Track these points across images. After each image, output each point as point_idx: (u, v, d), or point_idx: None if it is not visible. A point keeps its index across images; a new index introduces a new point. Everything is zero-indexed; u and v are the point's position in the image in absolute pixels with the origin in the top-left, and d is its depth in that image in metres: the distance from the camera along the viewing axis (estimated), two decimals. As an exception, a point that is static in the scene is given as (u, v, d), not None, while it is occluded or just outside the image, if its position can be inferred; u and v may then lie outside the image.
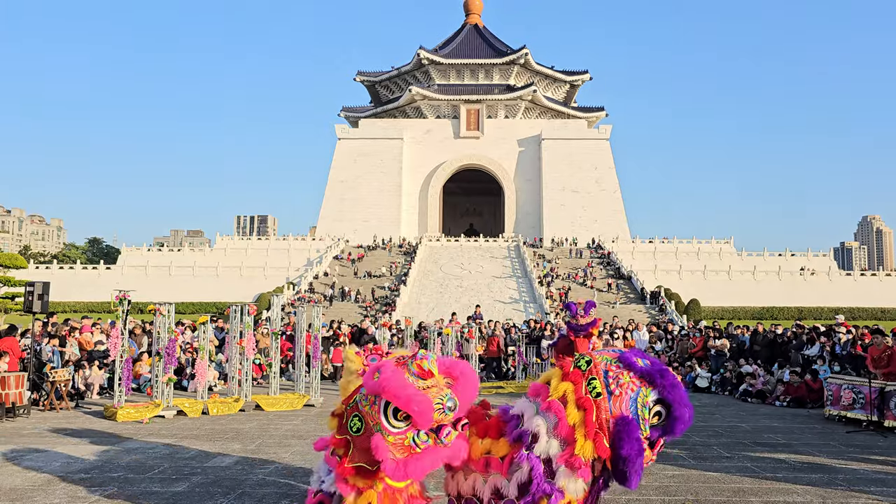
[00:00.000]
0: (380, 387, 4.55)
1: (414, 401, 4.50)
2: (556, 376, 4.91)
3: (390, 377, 4.57)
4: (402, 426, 4.59)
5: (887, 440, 11.64)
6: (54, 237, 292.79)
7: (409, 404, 4.49)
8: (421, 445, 4.62)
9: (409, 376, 4.62)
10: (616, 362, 4.83)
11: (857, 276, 67.89)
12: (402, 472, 4.62)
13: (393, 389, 4.50)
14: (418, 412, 4.50)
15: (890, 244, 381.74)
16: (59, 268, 70.23)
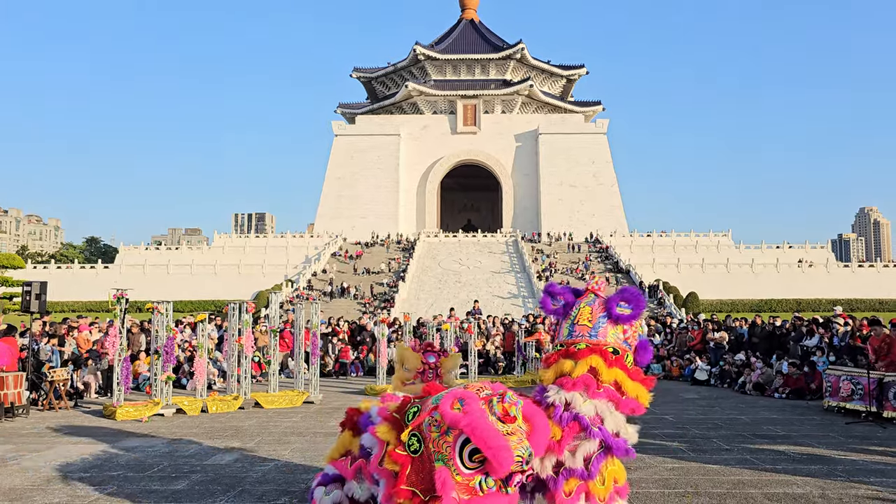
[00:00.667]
0: (465, 424, 4.26)
1: (500, 452, 4.29)
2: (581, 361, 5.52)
3: (477, 417, 4.28)
4: (473, 468, 4.39)
5: (886, 431, 11.65)
6: (52, 237, 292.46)
7: (495, 455, 4.28)
8: (486, 490, 4.42)
9: (491, 417, 4.37)
10: None
11: (854, 268, 67.99)
12: None
13: (480, 432, 4.23)
14: (499, 463, 4.30)
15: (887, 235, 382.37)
16: (56, 267, 70.20)
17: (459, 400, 4.39)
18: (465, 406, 4.32)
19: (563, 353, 5.67)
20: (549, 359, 5.80)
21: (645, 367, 6.47)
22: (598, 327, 5.71)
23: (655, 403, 15.93)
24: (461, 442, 4.30)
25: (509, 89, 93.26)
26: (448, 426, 4.35)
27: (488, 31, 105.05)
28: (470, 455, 4.34)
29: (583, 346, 5.61)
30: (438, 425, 4.44)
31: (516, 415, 4.43)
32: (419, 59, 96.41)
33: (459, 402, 4.37)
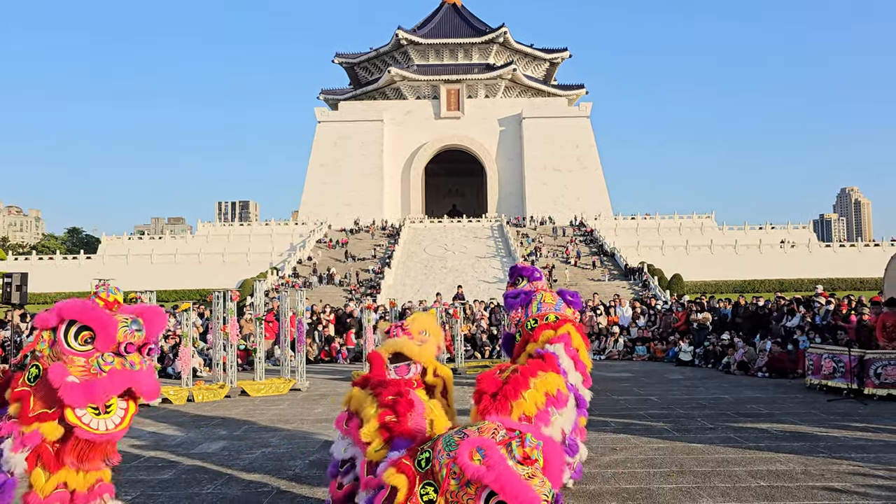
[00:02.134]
0: (491, 480, 4.04)
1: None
2: None
3: (502, 471, 4.06)
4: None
5: (867, 407, 11.83)
6: (32, 228, 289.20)
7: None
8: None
9: (510, 461, 4.18)
10: None
11: (836, 248, 68.67)
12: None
13: (509, 488, 4.01)
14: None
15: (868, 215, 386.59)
16: (38, 259, 69.42)
17: (479, 449, 4.17)
18: (487, 458, 4.11)
19: (542, 326, 7.14)
20: (532, 335, 7.22)
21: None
22: (559, 305, 7.48)
23: (640, 384, 16.14)
24: (486, 496, 4.08)
25: (492, 73, 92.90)
26: (469, 480, 4.14)
27: (471, 15, 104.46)
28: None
29: (553, 317, 7.23)
30: (458, 477, 4.23)
31: (538, 458, 4.28)
32: (402, 44, 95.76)
33: (479, 453, 4.15)
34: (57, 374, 4.54)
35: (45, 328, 4.74)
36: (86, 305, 4.67)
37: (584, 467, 7.71)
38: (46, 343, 4.71)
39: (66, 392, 4.53)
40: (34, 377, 4.68)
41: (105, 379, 4.63)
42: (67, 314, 4.64)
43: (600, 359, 21.87)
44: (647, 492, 7.00)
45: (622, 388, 14.89)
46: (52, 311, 4.77)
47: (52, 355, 4.66)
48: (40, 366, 4.68)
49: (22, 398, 4.68)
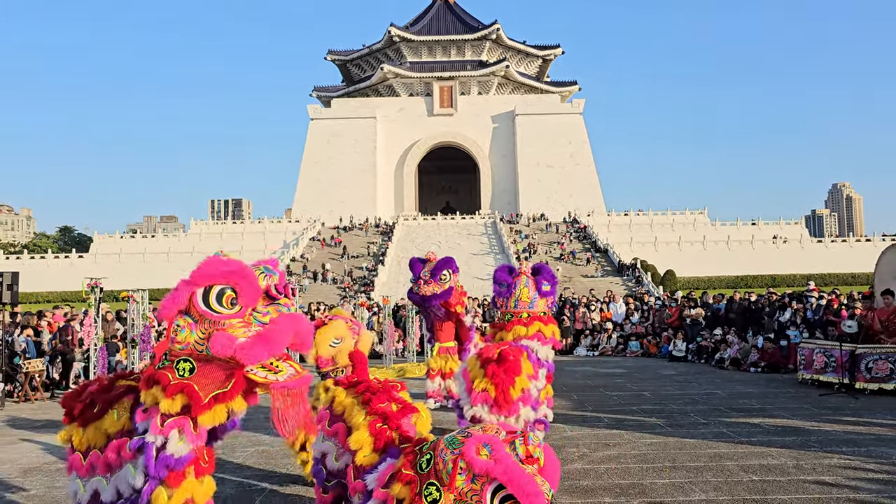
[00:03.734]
0: (499, 473, 4.07)
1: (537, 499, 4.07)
2: None
3: (511, 462, 4.12)
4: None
5: (858, 402, 11.89)
6: (24, 227, 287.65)
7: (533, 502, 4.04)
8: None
9: (514, 458, 4.23)
10: None
11: (828, 243, 69.04)
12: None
13: (517, 480, 4.04)
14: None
15: (860, 211, 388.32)
16: (30, 258, 69.14)
17: (485, 445, 4.19)
18: (494, 452, 4.14)
19: (515, 322, 8.82)
20: (506, 325, 8.90)
21: None
22: (533, 302, 8.89)
23: (633, 380, 16.17)
24: (492, 490, 4.11)
25: (485, 70, 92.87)
26: (476, 474, 4.15)
27: (463, 12, 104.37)
28: (501, 502, 4.12)
29: (525, 315, 8.83)
30: (465, 472, 4.22)
31: (539, 456, 4.31)
32: (394, 41, 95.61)
33: (486, 448, 4.18)
34: (224, 342, 4.06)
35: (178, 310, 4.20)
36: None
37: (577, 463, 7.90)
38: (187, 328, 4.19)
39: (243, 352, 4.06)
40: (190, 370, 4.17)
41: (268, 329, 4.20)
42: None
43: (594, 355, 21.92)
44: (640, 487, 7.02)
45: (615, 383, 14.93)
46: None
47: (200, 338, 4.16)
48: (191, 360, 4.17)
49: (185, 390, 4.13)
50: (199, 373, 4.16)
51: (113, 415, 4.54)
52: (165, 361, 4.28)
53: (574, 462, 7.99)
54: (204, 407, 4.13)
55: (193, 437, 4.18)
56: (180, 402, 4.11)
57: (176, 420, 4.12)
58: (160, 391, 4.15)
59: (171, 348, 4.24)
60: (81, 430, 4.68)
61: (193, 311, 4.20)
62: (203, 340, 4.16)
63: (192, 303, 4.20)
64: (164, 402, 4.10)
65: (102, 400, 4.67)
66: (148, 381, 4.23)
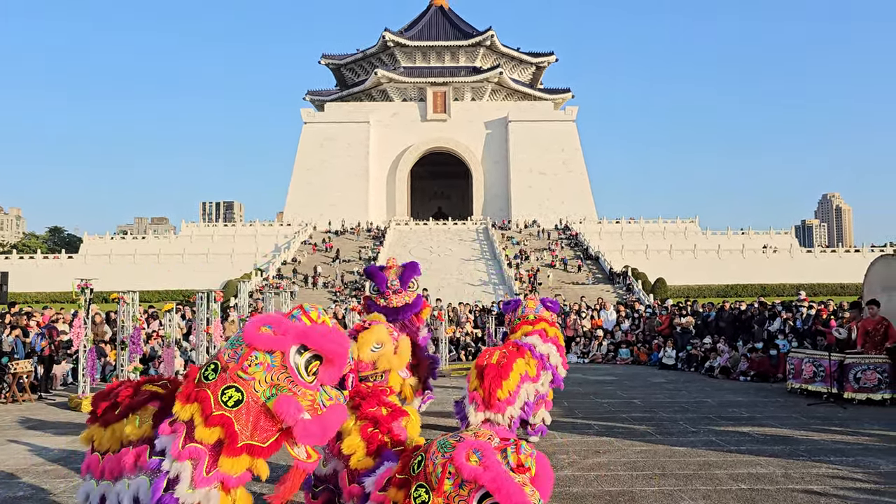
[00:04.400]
0: (488, 480, 4.05)
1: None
2: None
3: (500, 471, 4.10)
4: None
5: (847, 411, 11.96)
6: (13, 227, 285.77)
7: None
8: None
9: (505, 468, 4.19)
10: None
11: (817, 253, 69.42)
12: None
13: (505, 489, 4.01)
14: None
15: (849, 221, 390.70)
16: (18, 258, 68.64)
17: (475, 451, 4.19)
18: (484, 459, 4.14)
19: (522, 323, 9.66)
20: (516, 326, 9.70)
21: None
22: (538, 308, 9.96)
23: (623, 388, 16.20)
24: (479, 496, 4.09)
25: (479, 76, 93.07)
26: (465, 480, 4.14)
27: (458, 18, 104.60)
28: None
29: (532, 316, 9.71)
30: (453, 477, 4.21)
31: (531, 466, 4.27)
32: (388, 46, 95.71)
33: (476, 454, 4.18)
34: (290, 408, 3.95)
35: (270, 350, 4.07)
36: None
37: (566, 470, 7.94)
38: (263, 367, 4.03)
39: (301, 430, 3.96)
40: (236, 402, 4.01)
41: (328, 414, 4.10)
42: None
43: (584, 362, 21.94)
44: (629, 494, 7.04)
45: (605, 391, 14.96)
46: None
47: (269, 383, 4.02)
48: (243, 391, 4.00)
49: (224, 424, 3.97)
50: (245, 410, 4.01)
51: (135, 420, 4.42)
52: (210, 375, 4.12)
53: (564, 469, 8.01)
54: (234, 450, 3.97)
55: (203, 479, 3.97)
56: (217, 436, 3.96)
57: (195, 450, 3.96)
58: (200, 416, 4.00)
59: (231, 369, 4.08)
60: (102, 430, 4.59)
61: (278, 357, 4.08)
62: (269, 387, 4.02)
63: (283, 352, 4.08)
64: (200, 428, 3.97)
65: (126, 403, 4.56)
66: (189, 397, 4.07)
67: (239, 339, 4.17)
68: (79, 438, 4.84)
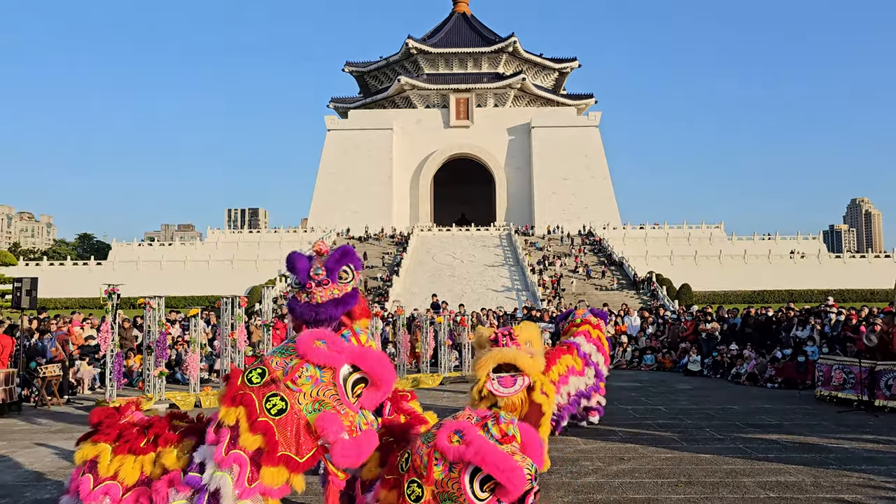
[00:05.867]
0: (472, 454, 4.06)
1: (514, 474, 4.05)
2: None
3: (483, 443, 4.11)
4: (486, 497, 4.11)
5: (878, 419, 11.71)
6: (44, 234, 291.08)
7: (510, 478, 4.03)
8: None
9: (491, 441, 4.21)
10: None
11: (846, 259, 68.27)
12: None
13: (490, 458, 4.03)
14: (514, 485, 4.05)
15: (879, 226, 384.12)
16: (49, 264, 69.87)
17: (456, 432, 4.20)
18: (465, 436, 4.15)
19: (570, 326, 11.16)
20: (565, 329, 11.22)
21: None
22: (586, 314, 11.25)
23: (648, 394, 16.03)
24: (469, 473, 4.10)
25: (502, 83, 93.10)
26: (451, 461, 4.14)
27: (480, 25, 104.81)
28: (481, 484, 4.10)
29: (579, 320, 11.09)
30: (440, 462, 4.20)
31: (514, 433, 4.28)
32: (411, 53, 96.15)
33: (457, 435, 4.19)
34: (333, 426, 3.97)
35: (322, 365, 4.11)
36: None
37: (590, 477, 7.85)
38: (312, 381, 4.07)
39: (339, 450, 3.97)
40: (279, 411, 4.01)
41: (363, 438, 4.12)
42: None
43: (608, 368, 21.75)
44: (654, 502, 6.94)
45: (630, 397, 14.81)
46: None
47: (314, 397, 4.06)
48: (288, 401, 4.03)
49: (266, 432, 3.96)
50: (286, 421, 4.00)
51: (173, 452, 4.36)
52: (255, 379, 4.11)
53: (588, 475, 7.93)
54: (274, 460, 3.95)
55: (247, 490, 3.94)
56: (258, 444, 3.95)
57: (239, 457, 3.93)
58: (245, 419, 3.98)
59: (279, 379, 4.09)
60: (117, 457, 4.42)
61: (329, 373, 4.12)
62: (312, 402, 4.05)
63: (335, 369, 4.12)
64: (245, 435, 3.95)
65: (165, 437, 4.46)
66: (234, 399, 4.06)
67: (290, 350, 4.19)
68: (80, 453, 4.55)
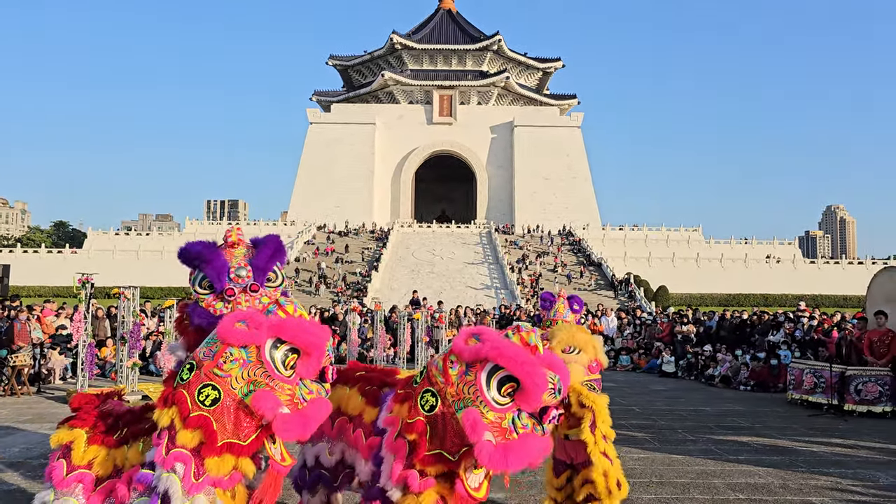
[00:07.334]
0: (489, 350, 3.83)
1: (534, 371, 3.78)
2: None
3: (501, 340, 3.89)
4: (505, 402, 3.85)
5: (847, 423, 11.90)
6: (18, 220, 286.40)
7: (529, 374, 3.76)
8: (520, 429, 3.85)
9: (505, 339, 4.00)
10: None
11: (820, 265, 69.20)
12: (502, 459, 3.75)
13: (508, 353, 3.79)
14: (534, 384, 3.78)
15: (853, 233, 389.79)
16: (22, 251, 68.80)
17: (473, 335, 4.01)
18: (483, 336, 3.96)
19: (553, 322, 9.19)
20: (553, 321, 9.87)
21: None
22: (566, 314, 9.07)
23: (623, 395, 16.14)
24: (487, 373, 3.83)
25: (485, 81, 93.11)
26: (468, 362, 3.94)
27: (465, 22, 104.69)
28: (499, 386, 3.84)
29: (560, 322, 9.06)
30: (456, 365, 4.00)
31: (536, 343, 4.00)
32: (396, 48, 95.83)
33: (475, 337, 4.00)
34: (268, 403, 3.86)
35: (243, 345, 3.96)
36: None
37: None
38: (238, 363, 3.94)
39: (281, 424, 3.86)
40: (213, 401, 3.91)
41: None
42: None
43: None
44: (626, 501, 6.97)
45: (605, 397, 14.89)
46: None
47: (246, 379, 3.94)
48: (220, 389, 3.92)
49: (203, 425, 3.88)
50: (222, 409, 3.93)
51: (138, 446, 4.34)
52: (185, 375, 4.05)
53: (561, 474, 7.95)
54: (215, 450, 3.90)
55: (193, 485, 3.88)
56: (197, 438, 3.90)
57: (180, 455, 3.90)
58: (179, 418, 3.94)
59: (206, 367, 4.00)
60: (91, 447, 4.43)
61: (254, 351, 3.99)
62: (246, 384, 3.95)
63: (259, 346, 3.99)
64: (181, 433, 3.91)
65: (133, 430, 4.44)
66: (166, 400, 4.03)
67: (213, 337, 4.08)
68: (56, 437, 4.52)
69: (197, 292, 4.95)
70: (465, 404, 3.86)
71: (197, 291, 4.96)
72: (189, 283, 5.05)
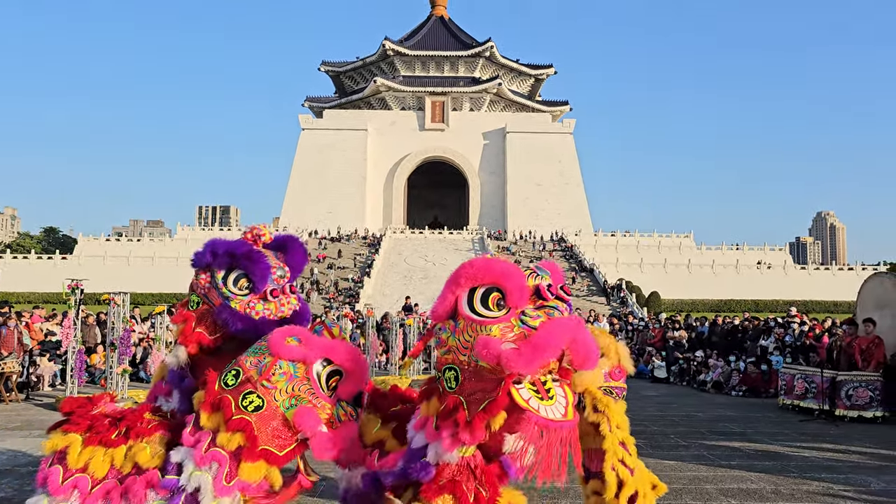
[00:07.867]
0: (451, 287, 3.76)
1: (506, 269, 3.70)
2: None
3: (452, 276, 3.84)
4: (500, 313, 3.63)
5: (838, 428, 11.93)
6: (8, 226, 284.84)
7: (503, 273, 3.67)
8: (535, 322, 3.62)
9: None
10: None
11: (811, 271, 69.64)
12: (530, 354, 3.45)
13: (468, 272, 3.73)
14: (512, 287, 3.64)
15: (843, 240, 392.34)
16: (12, 257, 68.39)
17: None
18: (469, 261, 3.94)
19: None
20: None
21: None
22: None
23: (615, 400, 16.05)
24: (466, 302, 3.69)
25: (478, 87, 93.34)
26: (446, 318, 3.80)
27: (458, 29, 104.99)
28: (483, 301, 3.66)
29: None
30: (445, 330, 3.84)
31: None
32: (388, 55, 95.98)
33: None
34: (310, 420, 3.99)
35: (293, 360, 4.09)
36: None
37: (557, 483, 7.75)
38: (286, 377, 4.07)
39: (318, 442, 3.98)
40: (256, 408, 4.02)
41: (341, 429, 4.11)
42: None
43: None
44: (618, 507, 6.97)
45: (597, 403, 14.89)
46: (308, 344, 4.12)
47: (289, 393, 4.04)
48: (264, 399, 4.02)
49: (245, 429, 3.96)
50: (264, 417, 4.02)
51: (146, 448, 4.33)
52: (231, 381, 4.13)
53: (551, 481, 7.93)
54: (255, 455, 3.97)
55: (224, 487, 3.93)
56: (237, 441, 3.98)
57: (217, 455, 3.97)
58: (223, 420, 4.02)
59: (254, 379, 4.10)
60: (87, 448, 4.35)
61: (302, 368, 4.10)
62: (289, 398, 4.04)
63: (308, 364, 4.11)
64: (222, 434, 4.00)
65: (134, 430, 4.44)
66: (213, 405, 4.10)
67: (262, 349, 4.19)
68: (50, 443, 4.42)
69: (233, 293, 4.71)
70: (473, 345, 3.63)
71: (233, 292, 4.71)
72: (207, 285, 4.83)
